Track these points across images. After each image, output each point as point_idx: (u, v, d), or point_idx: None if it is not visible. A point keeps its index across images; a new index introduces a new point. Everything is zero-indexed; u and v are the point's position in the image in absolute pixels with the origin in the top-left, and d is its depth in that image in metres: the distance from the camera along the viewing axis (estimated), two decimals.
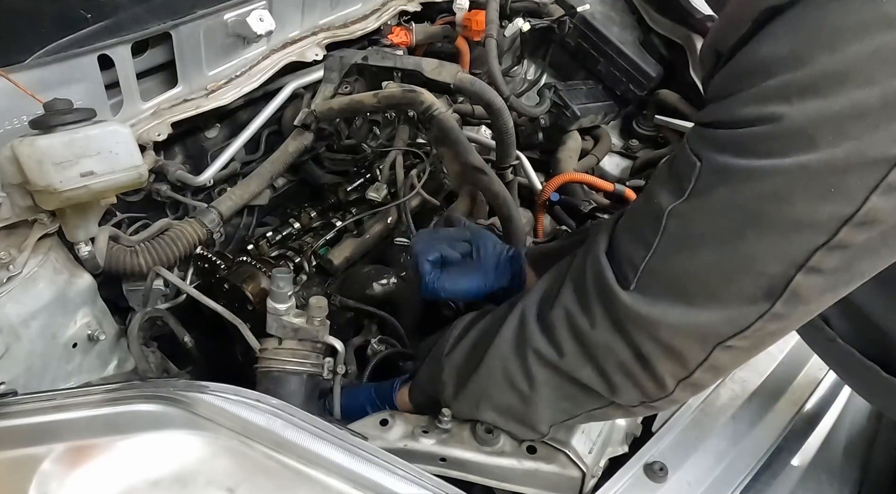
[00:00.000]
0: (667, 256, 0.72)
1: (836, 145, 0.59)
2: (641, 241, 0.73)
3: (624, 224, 0.79)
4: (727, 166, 0.65)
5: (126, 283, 1.21)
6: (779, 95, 0.60)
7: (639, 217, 0.76)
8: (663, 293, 0.72)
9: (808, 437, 1.07)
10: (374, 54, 1.41)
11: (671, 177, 0.71)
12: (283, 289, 0.97)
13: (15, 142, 0.93)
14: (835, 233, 0.63)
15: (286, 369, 0.99)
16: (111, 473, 0.69)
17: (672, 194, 0.70)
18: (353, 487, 0.68)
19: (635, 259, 0.74)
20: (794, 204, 0.63)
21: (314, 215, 1.39)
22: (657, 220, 0.71)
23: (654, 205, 0.72)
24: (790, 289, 0.67)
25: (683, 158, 0.69)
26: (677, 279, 0.72)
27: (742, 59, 0.64)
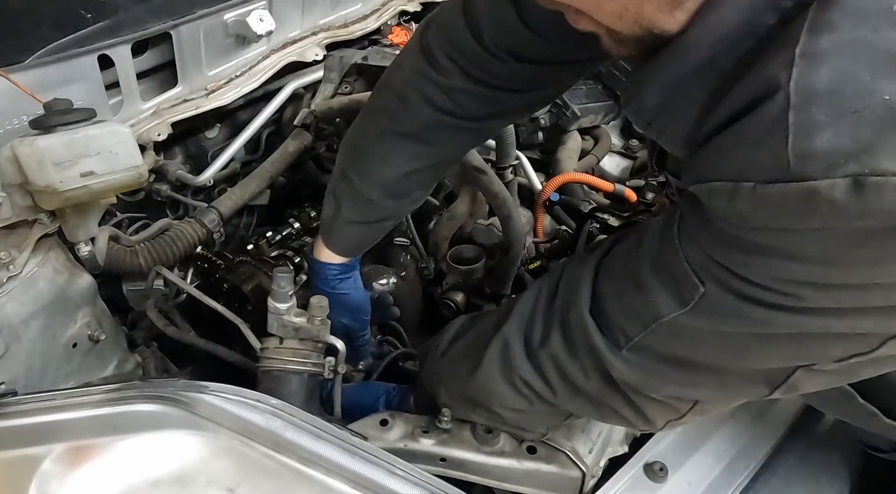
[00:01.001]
0: (665, 342, 0.70)
1: (862, 318, 0.58)
2: (636, 319, 0.71)
3: (613, 293, 0.75)
4: (738, 308, 0.61)
5: (126, 283, 1.21)
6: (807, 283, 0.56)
7: (632, 297, 0.72)
8: (658, 363, 0.72)
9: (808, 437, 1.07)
10: (374, 54, 1.41)
11: (668, 278, 0.66)
12: (284, 288, 0.97)
13: (15, 142, 0.93)
14: (844, 360, 0.63)
15: (287, 368, 0.99)
16: (111, 473, 0.69)
17: (671, 302, 0.66)
18: (353, 487, 0.68)
19: (629, 331, 0.72)
20: (808, 342, 0.63)
21: (314, 215, 1.39)
22: (654, 315, 0.69)
23: (650, 303, 0.68)
24: (789, 382, 0.68)
25: (679, 264, 0.65)
26: (675, 359, 0.71)
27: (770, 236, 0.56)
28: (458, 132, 0.99)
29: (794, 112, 0.49)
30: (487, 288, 1.36)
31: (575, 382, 0.79)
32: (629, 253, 0.74)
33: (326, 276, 1.12)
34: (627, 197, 1.63)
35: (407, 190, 1.05)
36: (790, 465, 1.03)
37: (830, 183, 0.48)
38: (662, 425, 0.80)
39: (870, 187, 0.46)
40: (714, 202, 0.57)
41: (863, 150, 0.47)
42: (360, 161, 1.03)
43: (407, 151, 1.00)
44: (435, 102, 0.95)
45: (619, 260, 0.76)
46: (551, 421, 0.94)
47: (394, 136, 0.99)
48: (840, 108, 0.48)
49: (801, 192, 0.49)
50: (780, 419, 1.07)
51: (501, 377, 0.85)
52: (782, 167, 0.49)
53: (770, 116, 0.50)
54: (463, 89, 0.94)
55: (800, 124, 0.49)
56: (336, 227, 1.09)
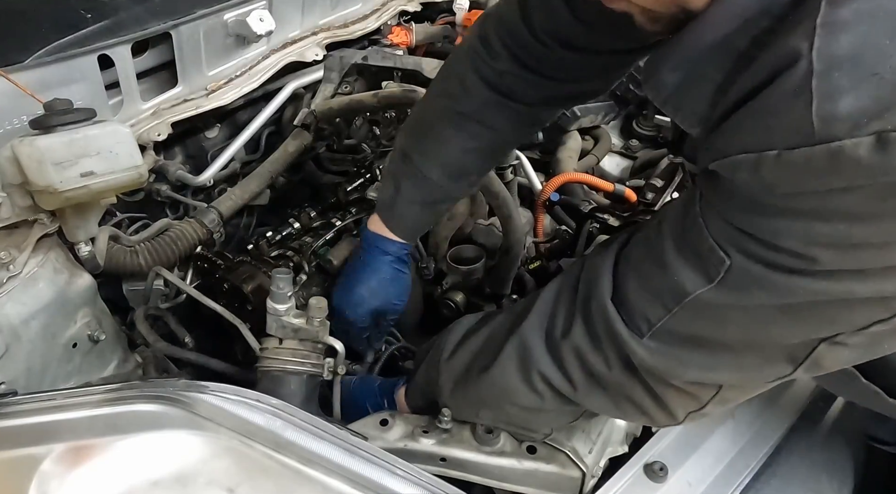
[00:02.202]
0: (688, 323, 0.70)
1: (885, 280, 0.59)
2: (659, 303, 0.71)
3: (635, 277, 0.75)
4: (764, 277, 0.62)
5: (126, 283, 1.21)
6: (835, 240, 0.57)
7: (655, 280, 0.72)
8: (681, 349, 0.72)
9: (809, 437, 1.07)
10: (374, 54, 1.41)
11: (691, 252, 0.67)
12: (282, 290, 0.97)
13: (15, 142, 0.93)
14: (866, 327, 0.63)
15: (287, 368, 0.99)
16: (111, 473, 0.69)
17: (698, 278, 0.67)
18: (353, 487, 0.68)
19: (651, 317, 0.72)
20: (831, 309, 0.63)
21: (314, 215, 1.39)
22: (679, 295, 0.69)
23: (675, 281, 0.69)
24: (812, 358, 0.67)
25: (703, 240, 0.65)
26: (698, 341, 0.71)
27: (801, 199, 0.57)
28: (513, 115, 1.05)
29: (818, 78, 0.51)
30: (487, 288, 1.36)
31: (597, 373, 0.79)
32: (649, 239, 0.75)
33: (386, 250, 1.15)
34: (627, 197, 1.62)
35: (465, 171, 1.11)
36: (790, 465, 1.03)
37: (855, 142, 0.49)
38: (684, 417, 0.79)
39: (893, 143, 0.49)
40: (738, 175, 0.58)
41: (885, 108, 0.49)
42: (422, 141, 1.09)
43: (466, 132, 1.06)
44: (491, 84, 1.02)
45: (640, 247, 0.77)
46: (558, 422, 0.93)
47: (455, 116, 1.06)
48: (861, 71, 0.50)
49: (827, 153, 0.51)
50: (780, 419, 1.07)
51: (518, 373, 0.85)
52: (807, 132, 0.51)
53: (793, 84, 0.52)
54: (513, 73, 1.00)
55: (823, 89, 0.50)
56: (396, 207, 1.13)
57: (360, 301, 1.14)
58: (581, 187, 1.64)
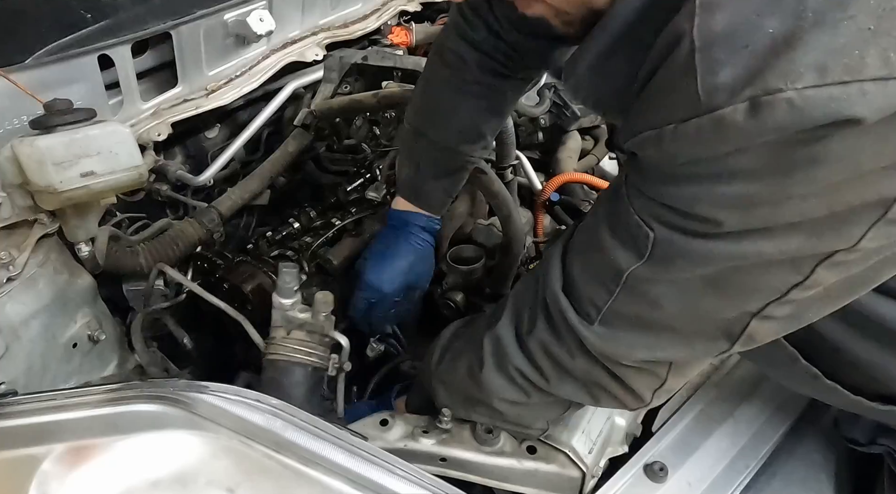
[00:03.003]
0: (629, 303, 0.74)
1: (791, 236, 0.62)
2: (602, 286, 0.75)
3: (579, 263, 0.79)
4: (685, 246, 0.66)
5: (126, 283, 1.21)
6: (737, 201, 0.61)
7: (596, 263, 0.76)
8: (626, 331, 0.76)
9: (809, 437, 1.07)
10: (374, 54, 1.41)
11: (625, 233, 0.71)
12: (289, 284, 0.97)
13: (15, 142, 0.93)
14: (785, 294, 0.67)
15: (293, 358, 0.99)
16: (111, 473, 0.69)
17: (629, 255, 0.70)
18: (353, 487, 0.68)
19: (597, 300, 0.76)
20: (749, 275, 0.66)
21: (314, 215, 1.39)
22: (616, 275, 0.72)
23: (612, 260, 0.72)
24: (746, 333, 0.71)
25: (631, 219, 0.69)
26: (640, 322, 0.75)
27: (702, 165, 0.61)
28: (506, 80, 1.11)
29: (700, 54, 0.56)
30: (487, 288, 1.36)
31: (563, 364, 0.82)
32: (588, 225, 0.79)
33: (418, 223, 1.21)
34: None
35: (480, 134, 1.16)
36: (790, 465, 1.03)
37: (733, 109, 0.54)
38: (650, 396, 0.83)
39: (763, 106, 0.53)
40: (646, 152, 0.64)
41: (754, 75, 0.53)
42: (432, 115, 1.16)
43: (471, 95, 1.12)
44: (479, 49, 1.08)
45: (581, 234, 0.81)
46: (550, 414, 0.94)
47: (457, 83, 1.11)
48: (735, 44, 0.55)
49: (712, 122, 0.56)
50: (780, 419, 1.07)
51: (497, 369, 0.89)
52: (695, 104, 0.56)
53: (680, 62, 0.57)
54: (489, 41, 1.06)
55: (705, 64, 0.56)
56: (419, 185, 1.20)
57: (398, 275, 1.19)
58: (581, 187, 1.64)
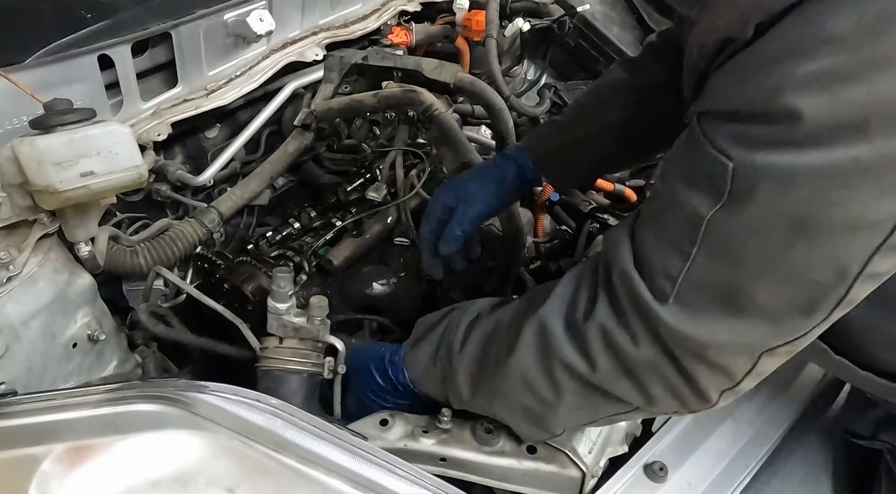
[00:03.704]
0: (708, 267, 0.66)
1: (890, 136, 0.54)
2: (677, 250, 0.67)
3: (651, 231, 0.72)
4: (766, 166, 0.59)
5: (126, 283, 1.21)
6: (819, 82, 0.54)
7: (669, 223, 0.69)
8: (706, 306, 0.67)
9: (808, 437, 1.07)
10: (374, 54, 1.41)
11: (700, 178, 0.64)
12: (283, 288, 0.97)
13: (15, 142, 0.93)
14: (891, 232, 0.58)
15: (287, 368, 0.99)
16: (111, 473, 0.69)
17: (707, 199, 0.64)
18: (353, 487, 0.68)
19: (671, 270, 0.68)
20: (846, 205, 0.58)
21: (314, 215, 1.39)
22: (693, 228, 0.65)
23: (688, 211, 0.65)
24: (846, 300, 0.63)
25: (707, 156, 0.63)
26: (721, 291, 0.67)
27: (771, 44, 0.57)
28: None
29: None
30: (487, 288, 1.36)
31: (624, 353, 0.74)
32: (657, 192, 0.74)
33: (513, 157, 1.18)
34: (627, 197, 1.63)
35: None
36: (790, 465, 1.03)
37: None
38: (717, 396, 0.74)
39: None
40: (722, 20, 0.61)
41: None
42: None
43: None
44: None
45: (651, 203, 0.75)
46: (573, 420, 0.87)
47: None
48: None
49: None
50: (780, 419, 1.07)
51: (537, 361, 0.81)
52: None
53: None
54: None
55: None
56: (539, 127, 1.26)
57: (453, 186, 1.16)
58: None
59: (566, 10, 1.89)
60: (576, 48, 1.96)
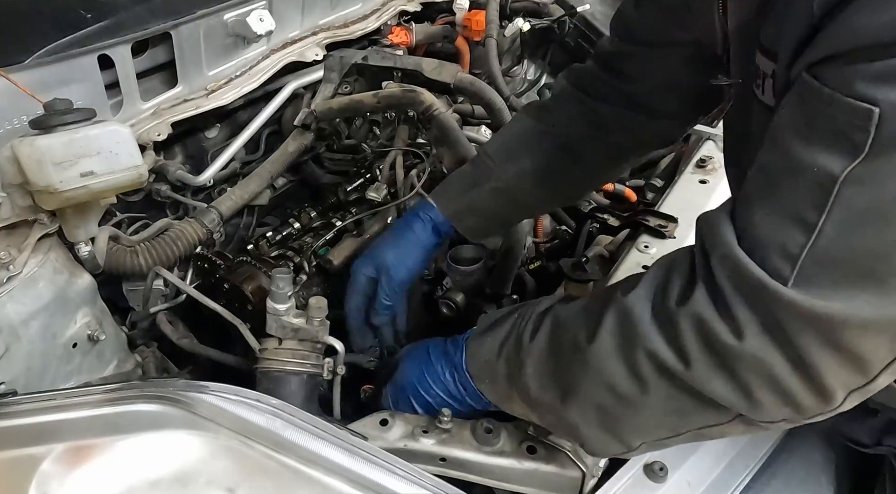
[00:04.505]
0: (842, 235, 0.58)
1: None
2: (797, 222, 0.59)
3: (759, 207, 0.63)
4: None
5: (126, 283, 1.21)
6: None
7: (785, 194, 0.61)
8: (840, 283, 0.58)
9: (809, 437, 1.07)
10: (374, 54, 1.41)
11: (827, 134, 0.57)
12: (282, 289, 0.97)
13: (15, 142, 0.93)
14: None
15: (286, 369, 0.99)
16: (111, 473, 0.69)
17: (840, 156, 0.55)
18: (353, 487, 0.68)
19: (790, 246, 0.59)
20: None
21: (314, 215, 1.39)
22: (822, 192, 0.57)
23: (813, 175, 0.57)
24: None
25: (839, 108, 0.55)
26: (860, 263, 0.58)
27: None
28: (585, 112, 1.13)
29: None
30: (487, 288, 1.36)
31: (724, 346, 0.64)
32: (762, 164, 0.65)
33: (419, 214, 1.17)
34: (627, 197, 1.63)
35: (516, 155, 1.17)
36: (790, 465, 1.03)
37: None
38: (844, 396, 0.63)
39: None
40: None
41: None
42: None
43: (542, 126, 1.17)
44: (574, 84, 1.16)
45: (756, 179, 0.66)
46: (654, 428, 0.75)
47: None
48: None
49: None
50: None
51: (618, 351, 0.72)
52: None
53: None
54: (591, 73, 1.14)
55: None
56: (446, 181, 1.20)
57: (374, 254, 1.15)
58: None
59: (566, 10, 1.89)
60: (576, 48, 1.96)
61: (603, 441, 0.79)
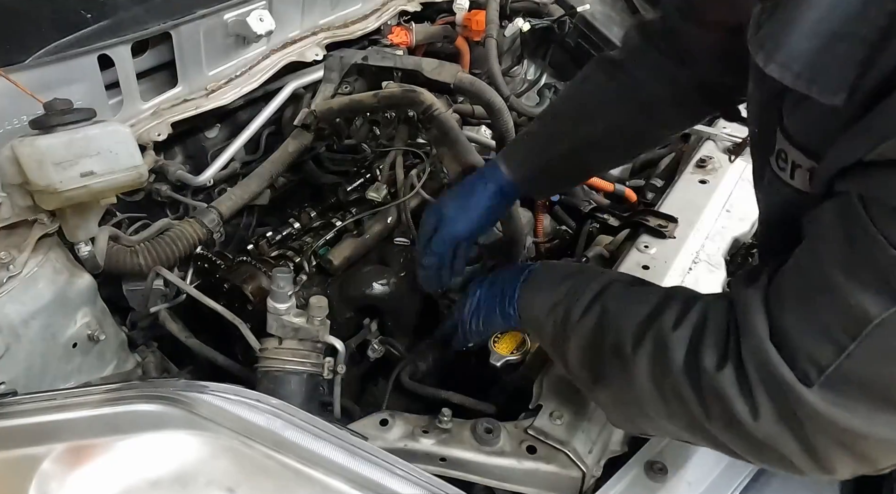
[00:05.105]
0: (869, 364, 0.60)
1: None
2: (829, 340, 0.61)
3: (795, 310, 0.65)
4: None
5: (126, 283, 1.21)
6: None
7: (822, 311, 0.62)
8: (859, 398, 0.61)
9: None
10: (374, 54, 1.41)
11: (868, 272, 0.58)
12: (283, 289, 0.97)
13: (15, 142, 0.93)
14: None
15: (286, 368, 0.99)
16: (111, 473, 0.69)
17: (879, 299, 0.57)
18: (353, 487, 0.68)
19: (821, 359, 0.62)
20: None
21: (314, 215, 1.39)
22: (857, 325, 0.59)
23: (851, 309, 0.59)
24: None
25: (882, 252, 0.56)
26: (882, 388, 0.61)
27: None
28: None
29: None
30: None
31: (739, 421, 0.68)
32: (805, 267, 0.66)
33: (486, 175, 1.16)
34: (627, 197, 1.63)
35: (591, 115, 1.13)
36: None
37: None
38: (849, 475, 0.69)
39: None
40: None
41: None
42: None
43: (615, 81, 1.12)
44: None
45: (794, 277, 0.67)
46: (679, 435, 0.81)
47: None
48: None
49: None
50: None
51: (651, 377, 0.76)
52: None
53: None
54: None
55: None
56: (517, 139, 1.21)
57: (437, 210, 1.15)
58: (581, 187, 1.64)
59: (566, 10, 1.89)
60: (576, 48, 1.96)
61: (622, 424, 0.89)
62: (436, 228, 1.14)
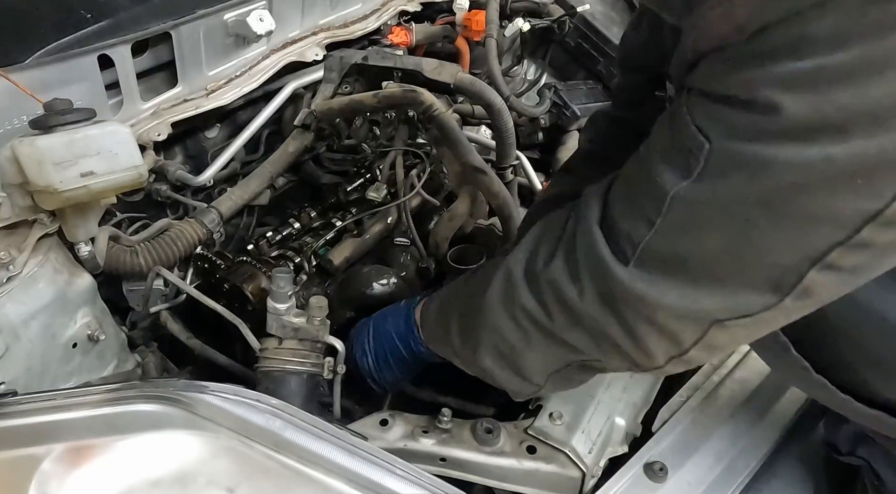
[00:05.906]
0: (670, 237, 0.67)
1: (870, 138, 0.54)
2: (642, 218, 0.68)
3: (620, 195, 0.74)
4: (741, 153, 0.60)
5: (126, 283, 1.21)
6: (808, 79, 0.55)
7: (638, 191, 0.70)
8: (664, 273, 0.68)
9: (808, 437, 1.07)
10: (374, 54, 1.41)
11: (674, 151, 0.65)
12: (283, 289, 0.97)
13: (15, 142, 0.93)
14: (856, 230, 0.58)
15: (286, 368, 0.99)
16: (111, 473, 0.69)
17: (677, 173, 0.64)
18: (353, 487, 0.68)
19: (634, 236, 0.69)
20: (814, 197, 0.58)
21: (314, 215, 1.39)
22: (659, 199, 0.66)
23: (656, 183, 0.66)
24: (802, 285, 0.63)
25: (686, 132, 0.63)
26: (680, 261, 0.68)
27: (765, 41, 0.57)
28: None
29: None
30: None
31: (571, 305, 0.76)
32: (637, 156, 0.73)
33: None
34: None
35: None
36: (790, 465, 1.03)
37: None
38: (665, 360, 0.74)
39: None
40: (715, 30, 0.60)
41: None
42: None
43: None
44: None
45: (629, 168, 0.75)
46: (550, 363, 0.85)
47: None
48: None
49: None
50: (780, 419, 1.07)
51: (503, 307, 0.84)
52: None
53: None
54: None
55: None
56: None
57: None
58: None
59: (566, 10, 1.89)
60: (576, 48, 1.96)
61: (513, 382, 0.90)
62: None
